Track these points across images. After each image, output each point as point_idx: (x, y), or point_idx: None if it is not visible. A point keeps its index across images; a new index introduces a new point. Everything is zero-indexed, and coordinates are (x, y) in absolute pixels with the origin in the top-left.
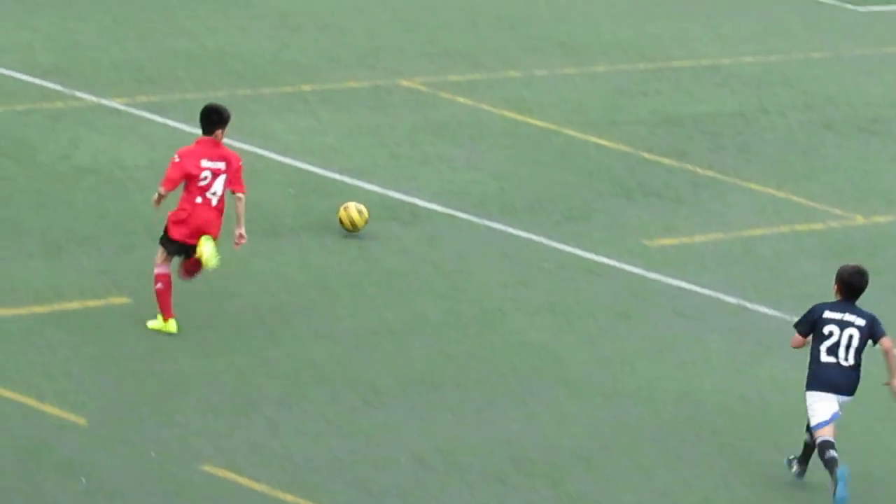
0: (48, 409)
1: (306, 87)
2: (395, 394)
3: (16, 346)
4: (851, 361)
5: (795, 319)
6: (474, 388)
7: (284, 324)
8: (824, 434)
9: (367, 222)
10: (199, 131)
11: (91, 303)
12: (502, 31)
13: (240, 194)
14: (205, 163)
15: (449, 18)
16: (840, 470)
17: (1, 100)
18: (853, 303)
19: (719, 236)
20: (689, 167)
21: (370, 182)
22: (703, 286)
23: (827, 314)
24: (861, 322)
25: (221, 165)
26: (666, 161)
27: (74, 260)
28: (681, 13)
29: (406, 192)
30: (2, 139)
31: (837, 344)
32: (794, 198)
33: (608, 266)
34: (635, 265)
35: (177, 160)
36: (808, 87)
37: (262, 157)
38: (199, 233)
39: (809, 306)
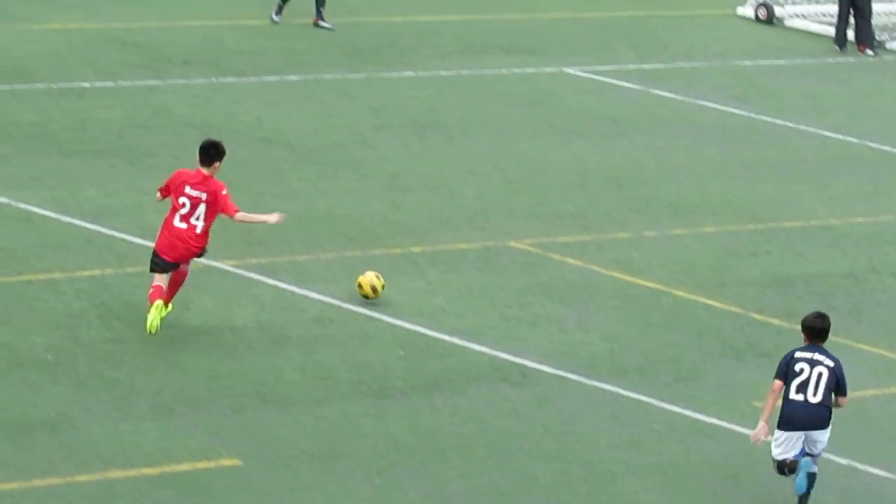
0: None
1: (416, 249)
2: None
3: None
4: (819, 398)
5: None
6: None
7: (394, 485)
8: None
9: (384, 287)
10: (309, 293)
11: (201, 465)
12: (611, 192)
13: (233, 215)
14: (188, 189)
15: (558, 180)
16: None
17: (112, 262)
18: (821, 346)
19: None
20: (800, 328)
21: (480, 343)
22: None
23: (797, 355)
24: (830, 363)
25: (203, 196)
26: (776, 322)
27: (184, 422)
28: (790, 174)
29: (516, 353)
30: (113, 302)
31: (807, 382)
32: None
33: (719, 427)
34: (746, 426)
35: (172, 175)
36: None
37: (372, 318)
38: (170, 249)
39: None
